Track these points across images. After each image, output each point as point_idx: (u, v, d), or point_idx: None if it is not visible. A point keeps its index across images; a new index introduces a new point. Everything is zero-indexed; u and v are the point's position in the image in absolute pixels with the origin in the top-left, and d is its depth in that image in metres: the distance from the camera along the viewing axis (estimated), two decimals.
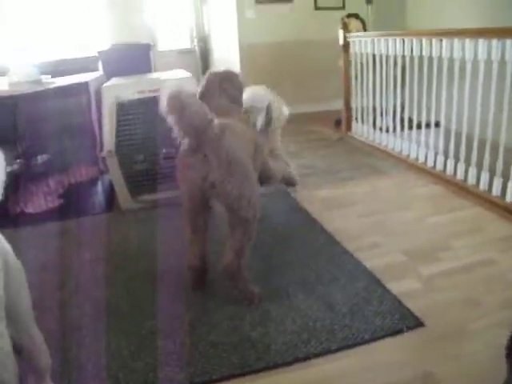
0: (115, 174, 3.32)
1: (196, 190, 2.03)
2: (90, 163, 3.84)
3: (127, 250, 2.78)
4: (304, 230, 2.88)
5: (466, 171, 3.35)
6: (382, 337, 1.87)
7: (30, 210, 3.50)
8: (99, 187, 3.71)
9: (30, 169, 3.76)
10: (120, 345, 1.91)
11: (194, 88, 2.77)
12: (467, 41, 3.20)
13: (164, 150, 3.43)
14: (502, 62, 2.94)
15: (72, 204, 3.55)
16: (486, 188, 3.17)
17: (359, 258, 2.47)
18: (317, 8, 6.75)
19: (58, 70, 4.98)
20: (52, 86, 3.66)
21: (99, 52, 5.57)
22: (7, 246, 1.27)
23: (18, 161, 3.76)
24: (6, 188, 3.28)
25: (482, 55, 3.10)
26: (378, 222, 2.96)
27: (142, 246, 2.82)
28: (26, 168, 3.72)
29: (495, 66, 3.00)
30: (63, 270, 2.55)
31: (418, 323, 1.93)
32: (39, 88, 3.59)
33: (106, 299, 2.25)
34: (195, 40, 9.39)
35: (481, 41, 3.08)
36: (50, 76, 4.21)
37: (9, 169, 3.65)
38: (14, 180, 3.61)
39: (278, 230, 2.87)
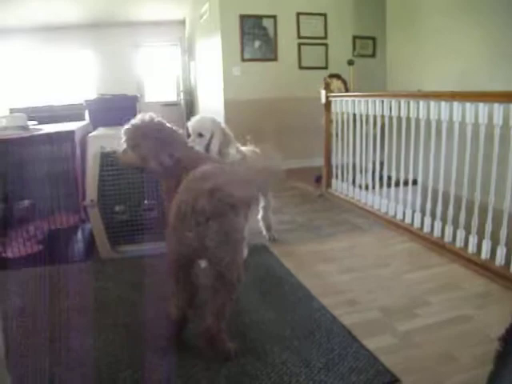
0: (96, 224, 3.33)
1: (189, 250, 1.97)
2: (71, 211, 3.83)
3: (105, 299, 2.76)
4: (282, 284, 2.89)
5: (443, 229, 3.42)
6: None
7: (9, 254, 3.47)
8: (79, 235, 3.70)
9: (10, 213, 3.74)
10: None
11: None
12: (443, 103, 3.34)
13: (146, 202, 3.45)
14: (476, 124, 3.06)
15: (51, 251, 3.52)
16: (462, 245, 3.23)
17: (336, 314, 2.48)
18: (300, 67, 6.99)
19: (44, 116, 5.04)
20: (38, 132, 3.69)
21: (86, 101, 5.66)
22: None
23: (0, 205, 3.75)
24: None
25: (456, 117, 3.23)
26: (356, 279, 2.98)
27: (120, 296, 2.80)
28: (7, 212, 3.71)
29: (469, 127, 3.12)
30: (39, 317, 2.52)
31: (393, 379, 1.93)
32: (25, 134, 3.62)
33: (81, 348, 2.22)
34: (181, 93, 9.57)
35: (455, 103, 3.22)
36: (36, 122, 4.27)
37: None
38: None
39: (256, 285, 2.87)
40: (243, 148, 3.25)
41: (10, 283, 2.98)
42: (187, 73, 9.59)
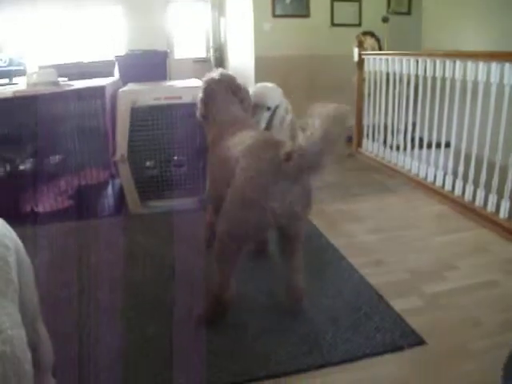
0: (126, 179, 3.37)
1: (276, 219, 1.86)
2: (101, 166, 3.88)
3: (134, 253, 2.81)
4: (311, 243, 2.88)
5: (474, 192, 3.36)
6: (383, 352, 1.89)
7: (40, 209, 3.54)
8: (109, 190, 3.75)
9: (42, 168, 3.80)
10: (122, 347, 1.93)
11: None
12: (480, 63, 3.23)
13: (175, 158, 3.47)
14: None
15: (82, 206, 3.58)
16: (494, 210, 3.17)
17: (364, 274, 2.49)
18: (333, 24, 6.80)
19: (75, 72, 5.04)
20: (69, 88, 3.71)
21: (116, 57, 5.63)
22: (19, 241, 1.30)
23: (31, 160, 3.81)
24: (19, 186, 3.32)
25: (494, 78, 3.12)
26: (385, 239, 2.97)
27: (149, 250, 2.85)
28: (39, 167, 3.77)
29: (507, 89, 3.02)
30: (69, 270, 2.59)
31: (418, 341, 1.94)
32: (56, 89, 3.64)
33: (110, 301, 2.28)
34: (211, 49, 9.47)
35: (494, 64, 3.11)
36: (67, 78, 4.28)
37: (22, 167, 3.71)
38: (25, 179, 3.66)
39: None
40: None
41: (41, 238, 3.05)
42: (217, 29, 9.46)
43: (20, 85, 4.18)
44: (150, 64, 5.19)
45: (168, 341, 1.97)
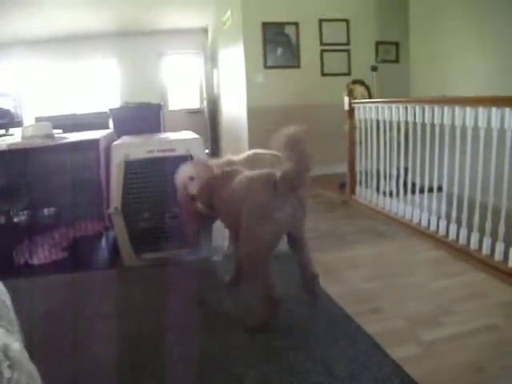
0: (120, 231, 3.35)
1: (284, 227, 2.36)
2: (95, 218, 3.88)
3: (129, 307, 2.77)
4: (305, 292, 2.86)
5: (469, 236, 3.36)
6: None
7: (34, 261, 3.52)
8: (103, 243, 3.74)
9: (36, 220, 3.81)
10: None
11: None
12: (468, 109, 3.29)
13: (170, 209, 3.47)
14: (502, 129, 3.01)
15: (76, 258, 3.57)
16: (489, 253, 3.17)
17: (360, 323, 2.45)
18: (323, 74, 6.96)
19: (69, 124, 5.11)
20: (63, 141, 3.74)
21: (110, 109, 5.71)
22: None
23: (25, 212, 3.82)
24: (13, 238, 3.32)
25: (481, 123, 3.17)
26: (380, 287, 2.95)
27: (143, 303, 2.81)
28: (33, 219, 3.77)
29: (495, 132, 3.07)
30: (63, 323, 2.55)
31: None
32: (50, 142, 3.68)
33: (105, 355, 2.23)
34: (204, 101, 9.63)
35: (480, 109, 3.17)
36: (61, 130, 4.33)
37: (16, 219, 3.71)
38: (20, 231, 3.65)
39: (278, 292, 2.84)
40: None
41: (34, 289, 3.02)
42: (210, 80, 9.65)
43: (15, 137, 4.22)
44: (143, 116, 5.27)
45: None
